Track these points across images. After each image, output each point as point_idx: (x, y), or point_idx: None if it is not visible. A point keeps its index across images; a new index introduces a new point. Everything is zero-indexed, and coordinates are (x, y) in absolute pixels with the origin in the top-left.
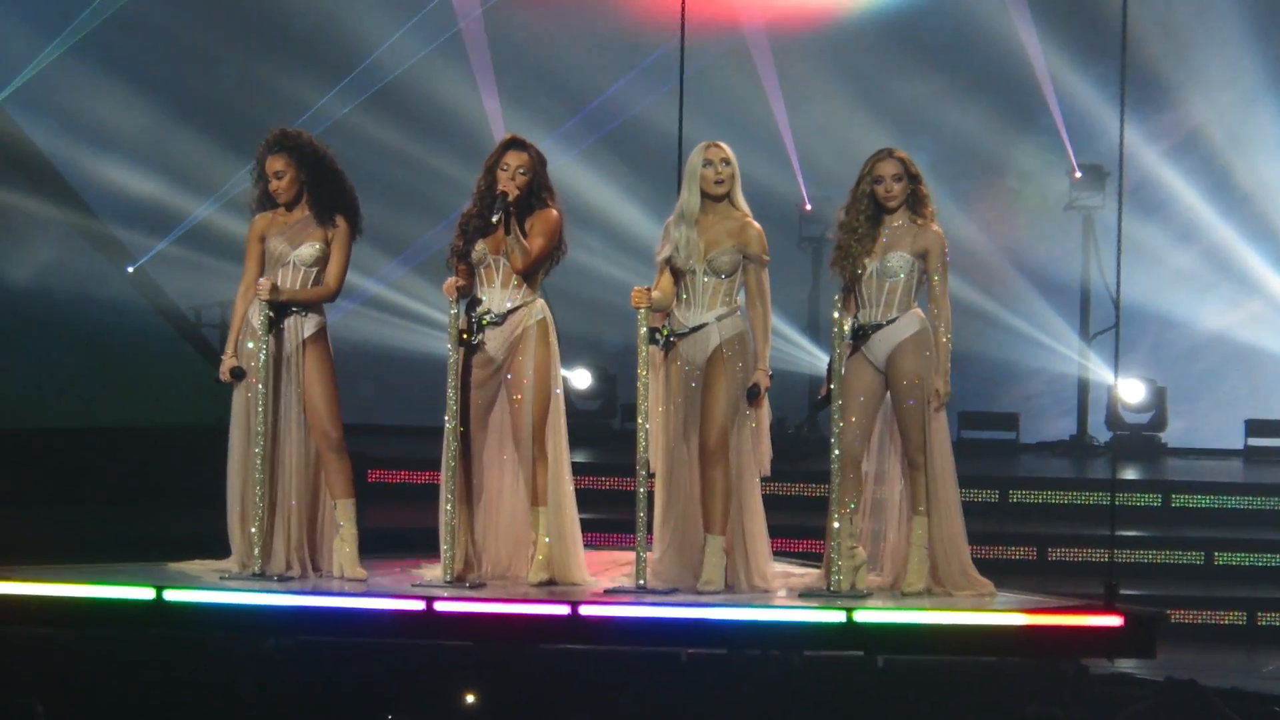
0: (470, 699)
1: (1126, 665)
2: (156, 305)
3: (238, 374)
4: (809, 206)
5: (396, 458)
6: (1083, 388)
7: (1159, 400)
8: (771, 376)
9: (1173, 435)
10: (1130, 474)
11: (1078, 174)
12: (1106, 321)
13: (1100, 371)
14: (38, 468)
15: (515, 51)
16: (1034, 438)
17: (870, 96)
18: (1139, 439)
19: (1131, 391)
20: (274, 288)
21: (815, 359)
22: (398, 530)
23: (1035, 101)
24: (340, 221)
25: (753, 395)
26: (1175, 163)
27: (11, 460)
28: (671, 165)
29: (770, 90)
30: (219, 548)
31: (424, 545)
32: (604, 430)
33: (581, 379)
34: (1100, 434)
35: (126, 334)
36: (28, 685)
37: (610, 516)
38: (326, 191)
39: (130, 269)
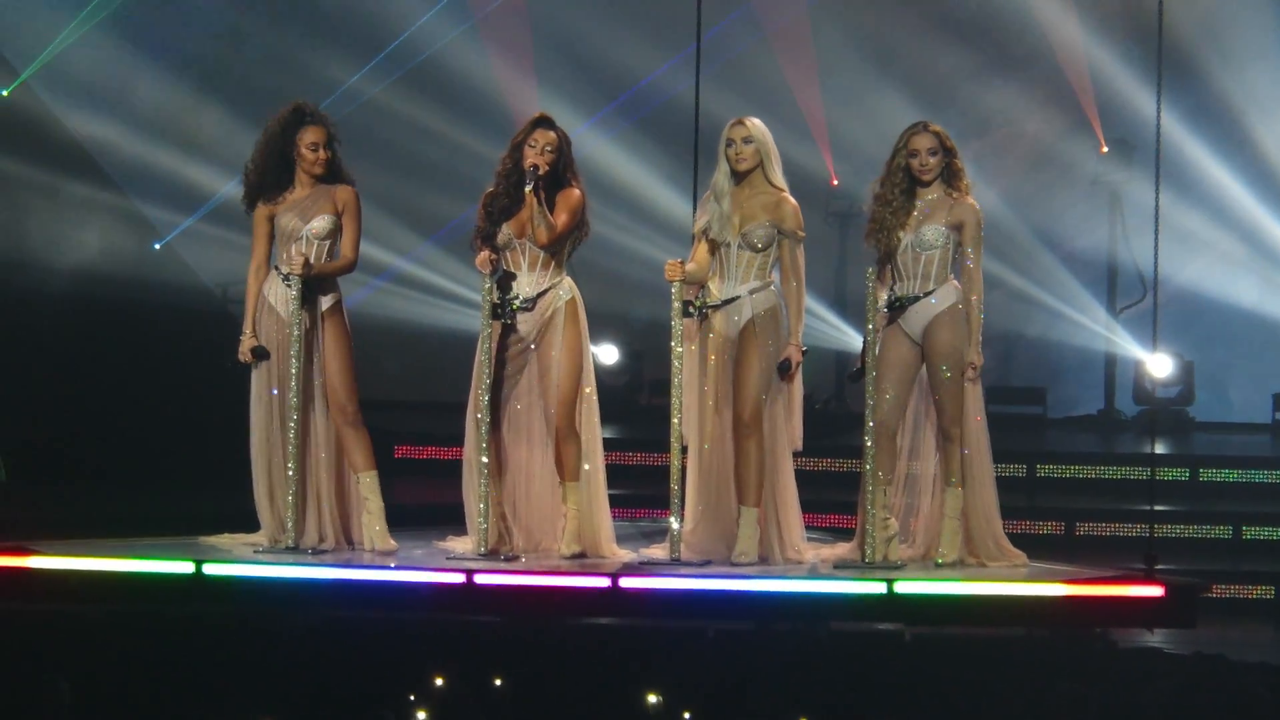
0: (497, 681)
1: (1155, 640)
2: (183, 282)
3: (260, 353)
4: (836, 181)
5: (423, 433)
6: (1110, 362)
7: (1187, 375)
8: (805, 352)
9: (1200, 410)
10: (1158, 448)
11: (1105, 149)
12: (1134, 296)
13: (1127, 346)
14: (66, 445)
15: (542, 24)
16: (1061, 412)
17: (897, 70)
18: (1167, 414)
19: (1159, 366)
20: (307, 263)
21: (842, 334)
22: (426, 506)
23: (1062, 75)
24: (350, 192)
25: (785, 369)
26: (1204, 137)
27: (43, 438)
28: (691, 138)
29: (797, 64)
30: (245, 523)
31: (451, 520)
32: (631, 406)
33: (608, 355)
34: (1128, 408)
35: (154, 311)
36: (54, 664)
37: (637, 492)
38: (339, 165)
39: (157, 246)
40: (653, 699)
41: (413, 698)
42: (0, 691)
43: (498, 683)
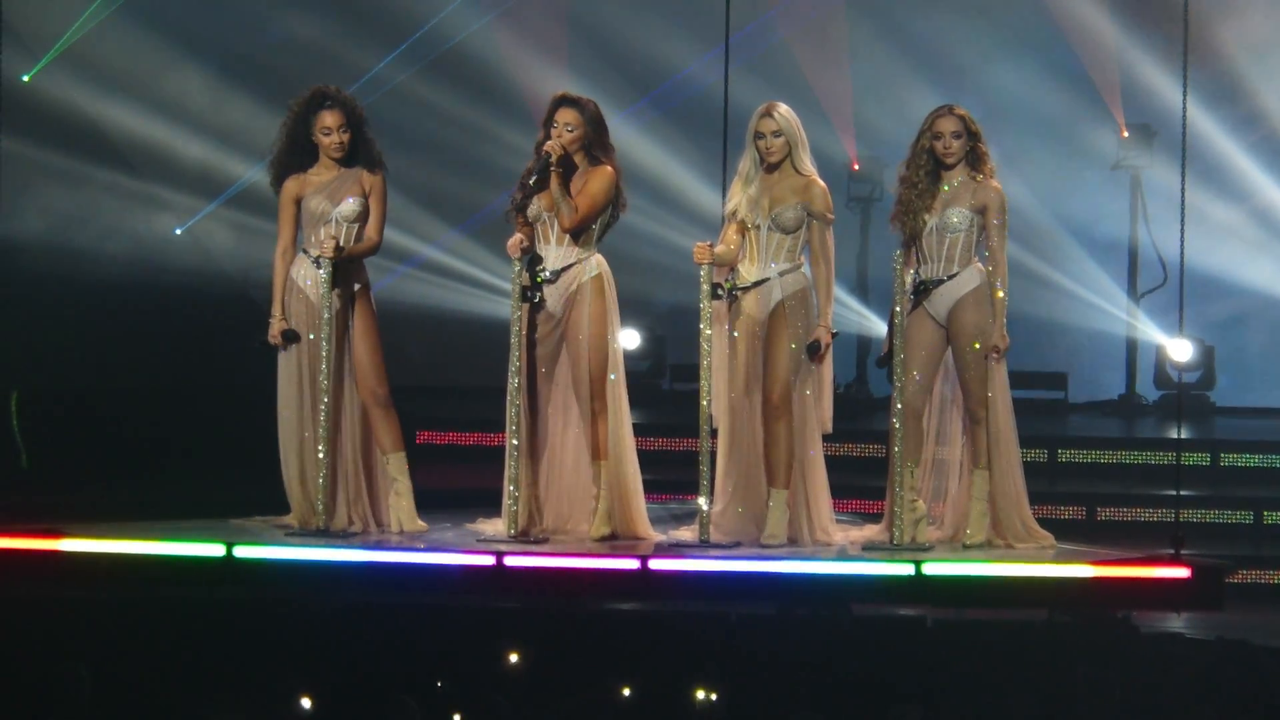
0: (514, 659)
1: (1177, 625)
2: (204, 267)
3: (290, 336)
4: (857, 166)
5: (445, 419)
6: (1131, 347)
7: (1207, 359)
8: (835, 334)
9: (1221, 394)
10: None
11: (1125, 133)
12: (1154, 280)
13: (1148, 330)
14: (95, 429)
15: (573, 13)
16: (1082, 397)
17: (919, 53)
18: (1187, 398)
19: (1180, 350)
20: (338, 245)
21: (864, 319)
22: (449, 490)
23: (1082, 59)
24: (378, 175)
25: (814, 351)
26: (1225, 122)
27: (67, 422)
28: (718, 121)
29: (825, 51)
30: (273, 506)
31: (474, 503)
32: (653, 390)
33: (630, 339)
34: (1149, 393)
35: (174, 296)
36: (74, 651)
37: (660, 476)
38: (366, 147)
39: (178, 231)
40: (676, 685)
41: (439, 683)
42: (20, 678)
43: (514, 664)
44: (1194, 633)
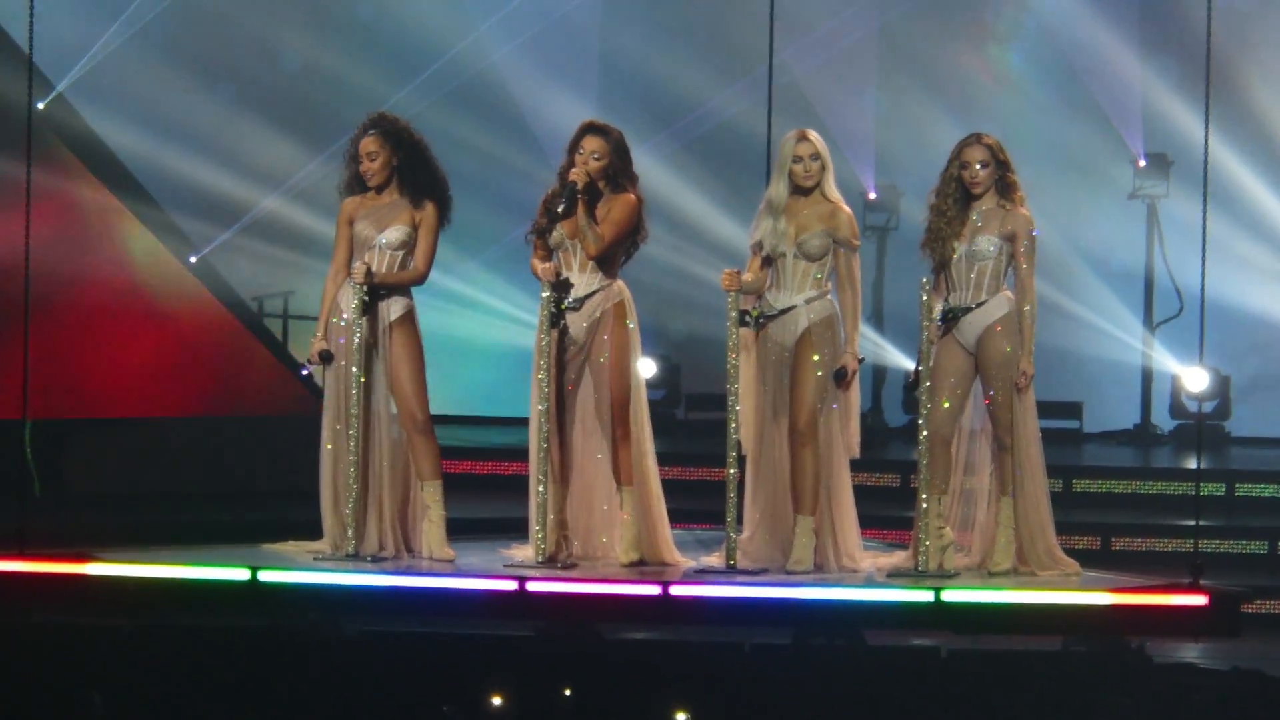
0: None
1: (1191, 655)
2: (220, 295)
3: (326, 357)
4: (873, 195)
5: (458, 448)
6: (1146, 376)
7: (1223, 389)
8: (861, 360)
9: (1237, 424)
10: (1194, 463)
11: (1141, 162)
12: (1170, 310)
13: (1164, 360)
14: (119, 457)
15: (579, 37)
16: (1097, 426)
17: (934, 84)
18: (1203, 428)
19: (1195, 380)
20: (368, 271)
21: (880, 348)
22: (460, 520)
23: (1098, 88)
24: (429, 206)
25: (840, 377)
26: (1240, 150)
27: (94, 450)
28: (734, 152)
29: (848, 81)
30: (300, 533)
31: (494, 530)
32: (668, 420)
33: (646, 368)
34: (1164, 423)
35: (190, 323)
36: (86, 676)
37: (676, 505)
38: (416, 177)
39: (193, 259)
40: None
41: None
42: (31, 704)
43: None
44: (1208, 662)
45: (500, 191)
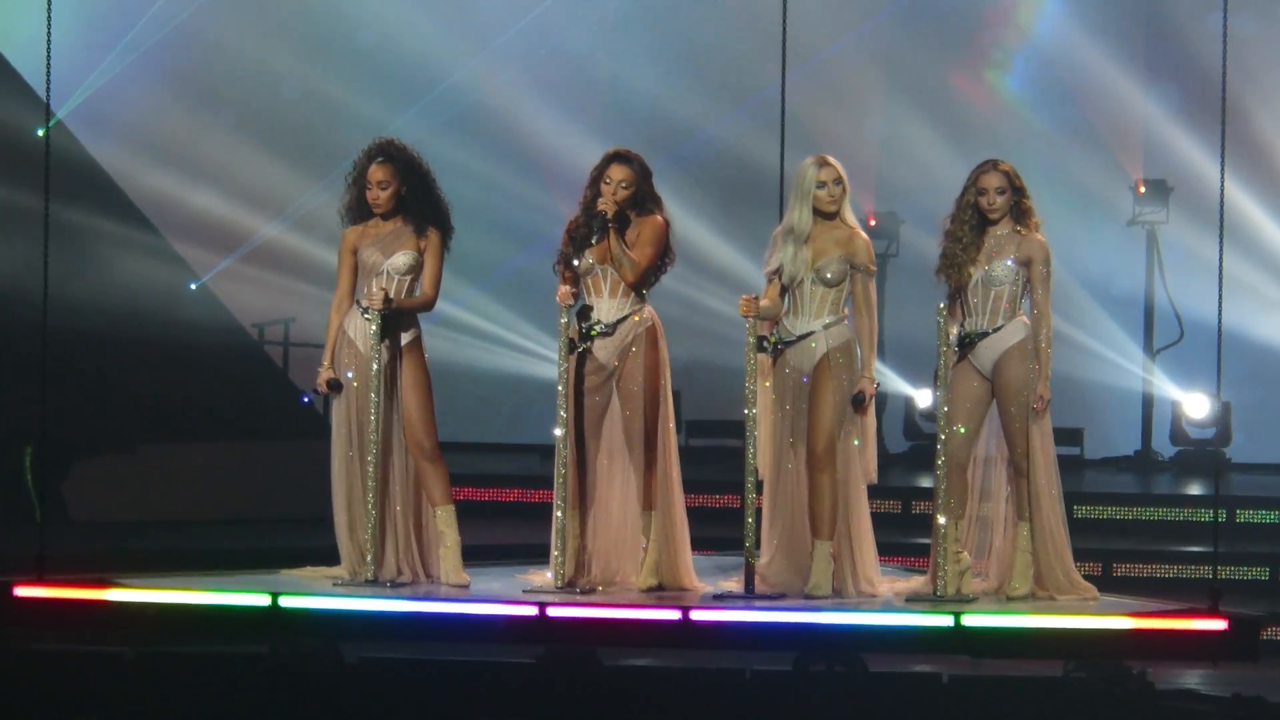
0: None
1: (1192, 682)
2: (220, 322)
3: (334, 386)
4: (874, 221)
5: (459, 475)
6: (1147, 402)
7: (1224, 415)
8: (878, 386)
9: (1237, 450)
10: (1194, 489)
11: (1141, 188)
12: (1170, 336)
13: (1164, 386)
14: (130, 483)
15: (578, 63)
16: (1098, 453)
17: (932, 110)
18: (1203, 454)
19: (1196, 406)
20: (386, 298)
21: (880, 374)
22: (482, 546)
23: (1098, 114)
24: (432, 232)
25: (858, 402)
26: (1241, 176)
27: (106, 477)
28: (734, 178)
29: (836, 106)
30: (303, 560)
31: (517, 557)
32: None
33: None
34: (1165, 449)
35: (192, 351)
36: (85, 704)
37: None
38: (422, 204)
39: (193, 286)
40: None
41: None
42: None
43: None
44: (1209, 689)
45: (500, 219)
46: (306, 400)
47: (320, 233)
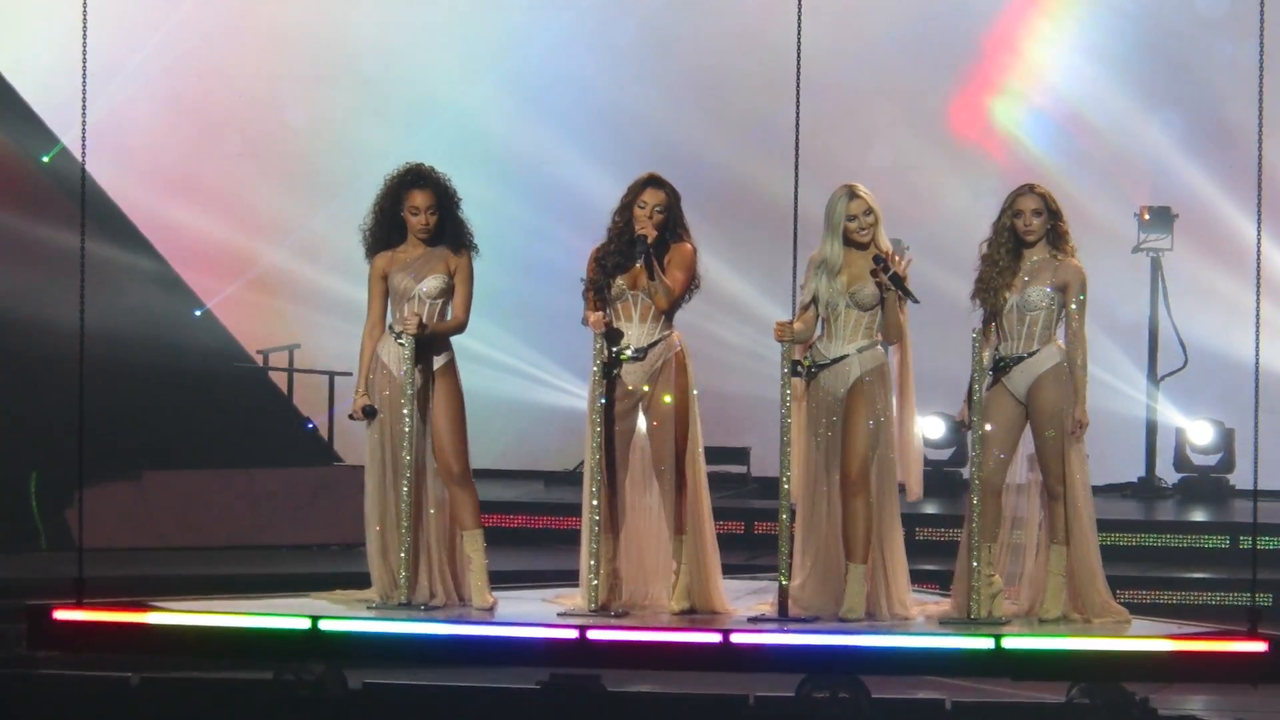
0: None
1: (1194, 706)
2: (225, 349)
3: (370, 412)
4: None
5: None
6: (1151, 429)
7: (1227, 442)
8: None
9: (1241, 477)
10: (1198, 516)
11: (1146, 216)
12: (1175, 363)
13: (1169, 413)
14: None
15: (585, 92)
16: (1102, 480)
17: (938, 137)
18: (1207, 481)
19: (1200, 433)
20: (421, 323)
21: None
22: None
23: (1102, 142)
24: (462, 256)
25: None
26: (1249, 203)
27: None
28: (740, 206)
29: (838, 133)
30: (317, 585)
31: (530, 581)
32: None
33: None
34: (1169, 476)
35: (196, 378)
36: None
37: None
38: (453, 228)
39: (198, 312)
40: None
41: None
42: None
43: None
44: (1212, 716)
45: (509, 247)
46: (310, 426)
47: (325, 259)
